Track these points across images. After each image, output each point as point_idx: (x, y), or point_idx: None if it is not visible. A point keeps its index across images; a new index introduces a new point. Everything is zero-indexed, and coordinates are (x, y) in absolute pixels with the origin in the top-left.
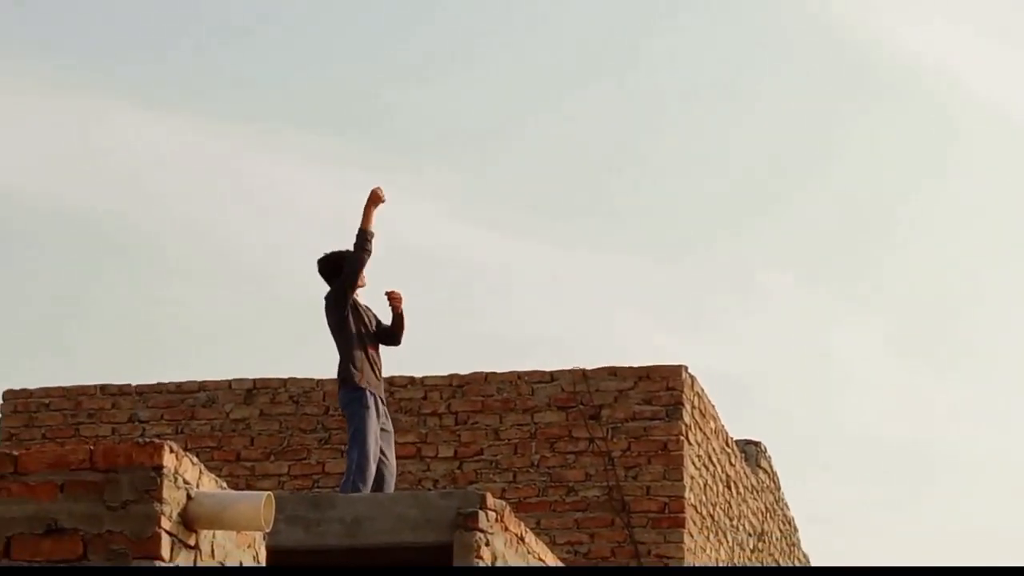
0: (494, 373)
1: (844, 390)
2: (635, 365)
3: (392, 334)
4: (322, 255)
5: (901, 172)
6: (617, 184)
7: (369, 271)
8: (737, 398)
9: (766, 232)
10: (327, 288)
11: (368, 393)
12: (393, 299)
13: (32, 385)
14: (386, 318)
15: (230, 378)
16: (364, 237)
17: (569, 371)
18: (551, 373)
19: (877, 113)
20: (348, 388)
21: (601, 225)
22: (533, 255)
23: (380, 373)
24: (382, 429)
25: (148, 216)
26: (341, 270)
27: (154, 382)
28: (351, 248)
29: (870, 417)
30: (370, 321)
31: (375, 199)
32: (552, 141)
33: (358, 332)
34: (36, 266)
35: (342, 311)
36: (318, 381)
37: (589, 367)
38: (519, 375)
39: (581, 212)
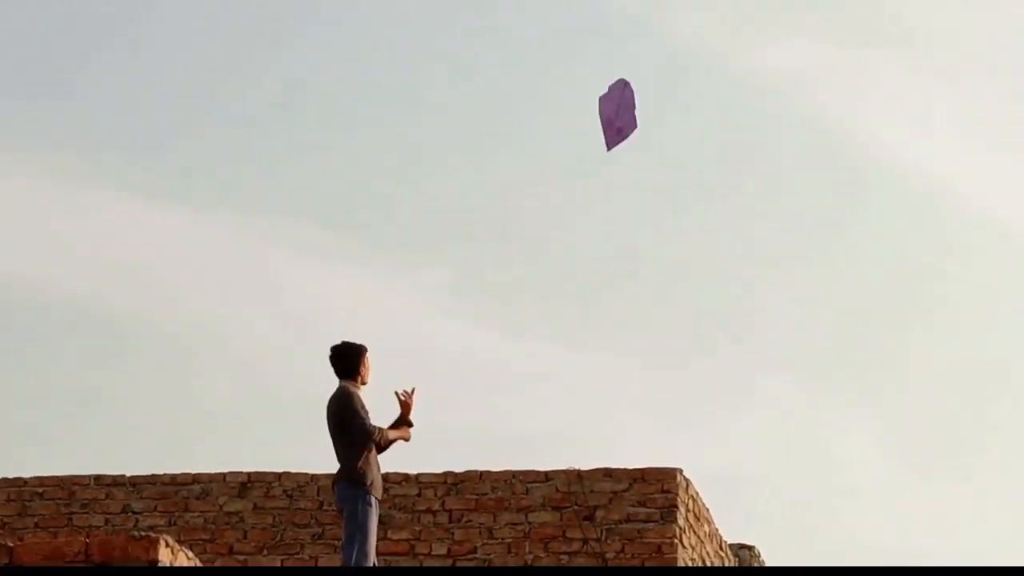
0: (489, 472)
1: (840, 496)
2: (630, 467)
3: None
4: (337, 345)
5: (900, 278)
6: (616, 284)
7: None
8: (733, 501)
9: (766, 336)
10: (335, 380)
11: (373, 496)
12: (406, 405)
13: (26, 474)
14: (387, 414)
15: (224, 471)
16: (381, 436)
17: (564, 471)
18: (546, 473)
19: (876, 220)
20: (353, 486)
21: (599, 324)
22: (529, 352)
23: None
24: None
25: (142, 304)
26: (352, 364)
27: (148, 473)
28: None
29: (867, 524)
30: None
31: (404, 436)
32: (551, 239)
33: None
34: (31, 355)
35: (360, 417)
36: (312, 476)
37: (584, 468)
38: (514, 474)
39: (579, 311)
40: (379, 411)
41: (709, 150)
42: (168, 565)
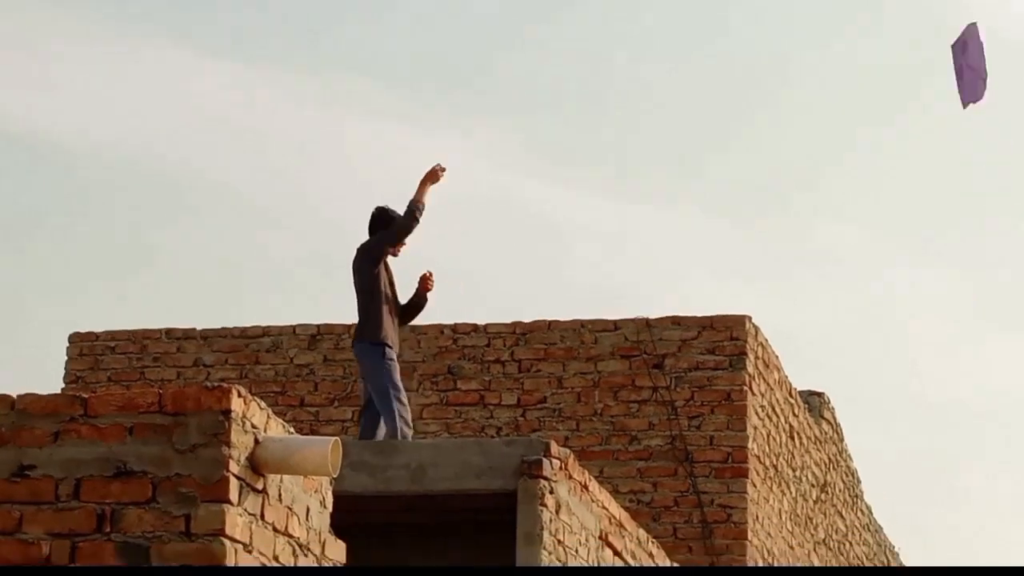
0: (557, 321)
1: (907, 345)
2: (698, 315)
3: (406, 311)
4: (377, 207)
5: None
6: (684, 142)
7: (412, 240)
8: (801, 351)
9: (831, 187)
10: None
11: (389, 348)
12: (426, 283)
13: (98, 328)
14: (408, 294)
15: (294, 323)
16: (416, 207)
17: (632, 320)
18: (614, 322)
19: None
20: (371, 341)
21: (667, 181)
22: (598, 208)
23: (398, 336)
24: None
25: (214, 162)
26: (386, 227)
27: (219, 327)
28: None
29: (934, 373)
30: (395, 285)
31: (433, 176)
32: (624, 100)
33: (384, 292)
34: (102, 210)
35: (375, 266)
36: None
37: (652, 316)
38: (582, 323)
39: (647, 167)
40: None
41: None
42: (240, 415)
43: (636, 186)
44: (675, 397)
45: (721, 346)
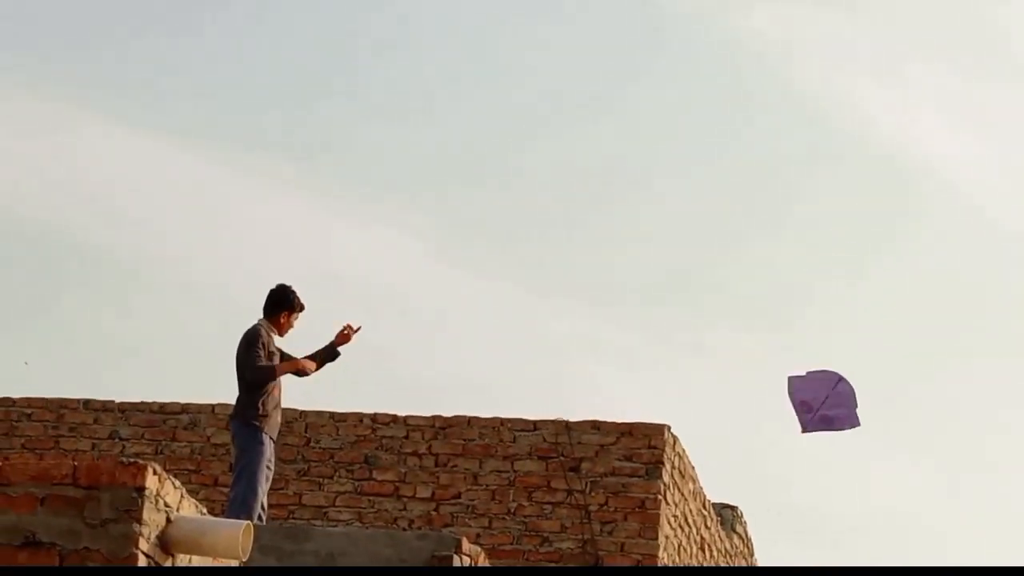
0: (477, 418)
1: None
2: (618, 420)
3: (320, 359)
4: (277, 286)
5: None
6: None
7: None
8: (718, 461)
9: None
10: (262, 317)
11: (266, 436)
12: (344, 336)
13: (15, 394)
14: (315, 344)
15: (214, 402)
16: (296, 370)
17: (552, 421)
18: (534, 422)
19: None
20: (247, 426)
21: (569, 275)
22: (512, 301)
23: (280, 413)
24: (268, 468)
25: (137, 241)
26: (278, 308)
27: (137, 400)
28: (255, 366)
29: (842, 496)
30: (280, 355)
31: (343, 339)
32: (529, 186)
33: (269, 386)
34: (20, 279)
35: (256, 352)
36: (301, 412)
37: (572, 419)
38: (502, 421)
39: (561, 261)
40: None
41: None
42: (155, 492)
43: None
44: (589, 501)
45: (639, 453)
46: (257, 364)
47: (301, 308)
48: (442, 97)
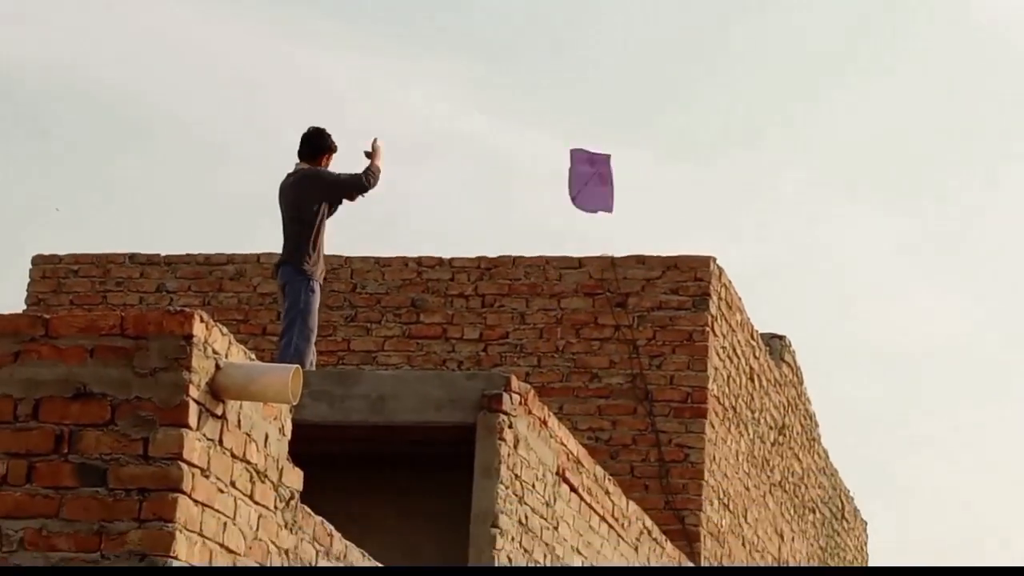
0: (522, 257)
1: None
2: (663, 254)
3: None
4: (312, 129)
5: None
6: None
7: None
8: (764, 293)
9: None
10: (301, 162)
11: (316, 282)
12: (377, 149)
13: (61, 251)
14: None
15: (258, 252)
16: (376, 174)
17: (597, 258)
18: (579, 259)
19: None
20: (297, 271)
21: (633, 125)
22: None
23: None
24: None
25: (188, 93)
26: (319, 149)
27: (183, 253)
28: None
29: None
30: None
31: (378, 152)
32: (589, 40)
33: (322, 230)
34: (71, 136)
35: (326, 204)
36: (346, 258)
37: (617, 254)
38: (547, 260)
39: (614, 113)
40: None
41: None
42: (202, 340)
43: (596, 130)
44: (637, 336)
45: (685, 286)
46: (357, 174)
47: (336, 149)
48: None
